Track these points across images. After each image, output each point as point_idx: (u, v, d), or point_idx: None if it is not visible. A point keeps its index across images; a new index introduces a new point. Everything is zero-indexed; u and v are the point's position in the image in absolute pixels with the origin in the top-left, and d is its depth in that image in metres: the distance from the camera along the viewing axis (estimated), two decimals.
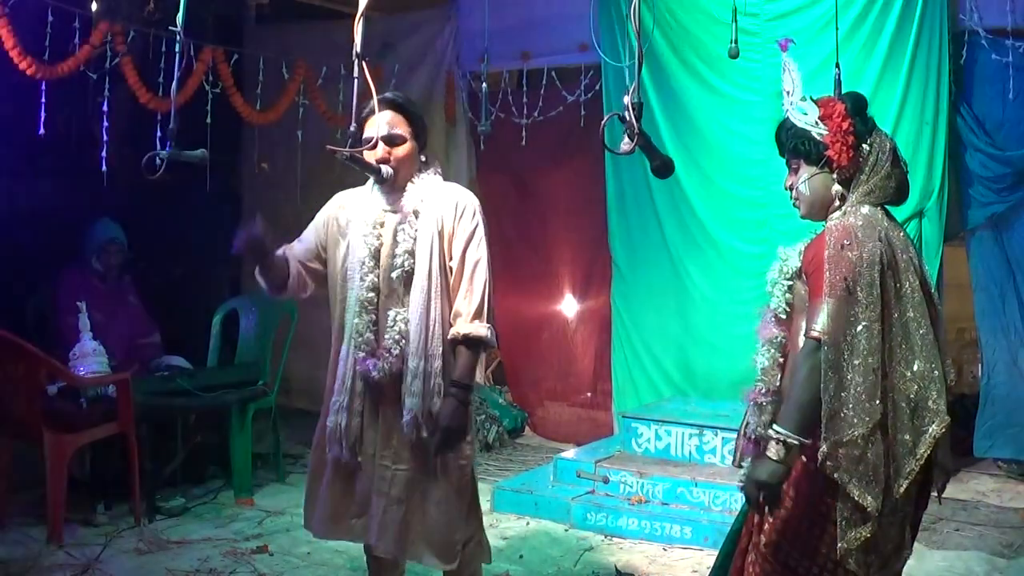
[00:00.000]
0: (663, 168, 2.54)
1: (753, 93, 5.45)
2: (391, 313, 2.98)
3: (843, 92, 2.74)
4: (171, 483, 5.24)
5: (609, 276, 6.25)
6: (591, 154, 6.13)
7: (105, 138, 5.01)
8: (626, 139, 2.53)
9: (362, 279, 3.00)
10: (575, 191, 6.47)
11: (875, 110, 5.41)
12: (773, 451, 2.43)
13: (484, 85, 5.60)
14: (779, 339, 2.62)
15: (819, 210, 2.64)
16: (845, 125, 2.56)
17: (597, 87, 6.00)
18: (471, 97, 6.56)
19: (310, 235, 3.20)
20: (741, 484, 2.71)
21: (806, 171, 2.62)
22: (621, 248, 6.14)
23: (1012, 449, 5.34)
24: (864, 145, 2.59)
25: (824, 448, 2.40)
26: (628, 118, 2.40)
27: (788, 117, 2.66)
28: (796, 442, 2.41)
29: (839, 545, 2.44)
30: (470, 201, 3.10)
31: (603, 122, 2.42)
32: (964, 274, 5.47)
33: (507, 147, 6.47)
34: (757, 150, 5.32)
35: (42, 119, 4.68)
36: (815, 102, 2.64)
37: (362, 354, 2.98)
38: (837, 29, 4.44)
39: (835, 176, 2.59)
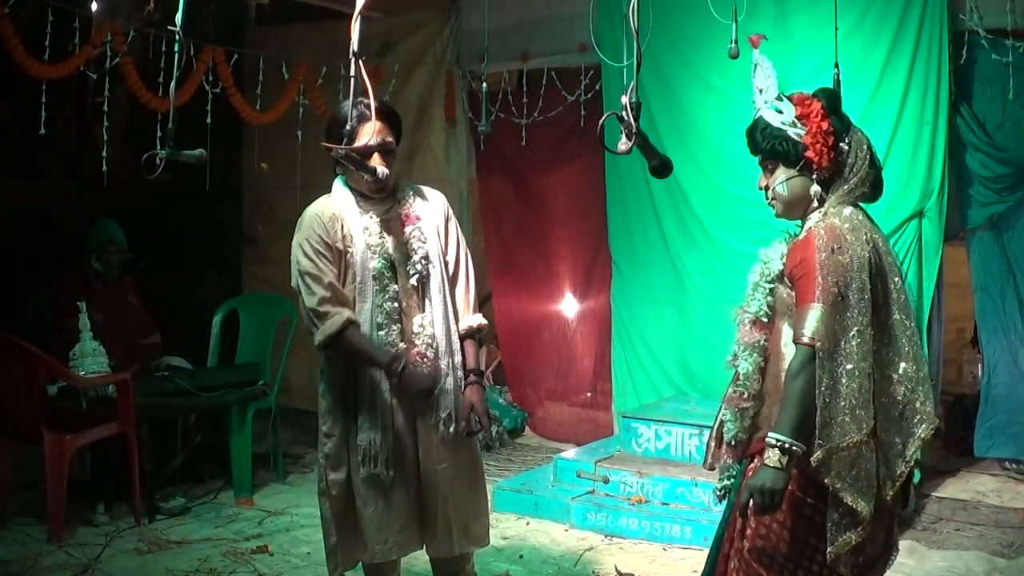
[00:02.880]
0: (661, 168, 2.54)
1: (753, 93, 5.44)
2: (417, 319, 3.00)
3: (817, 89, 2.64)
4: (171, 483, 5.25)
5: (609, 276, 6.24)
6: (591, 154, 6.13)
7: (105, 138, 5.00)
8: (624, 138, 2.53)
9: (383, 291, 2.97)
10: (575, 191, 6.46)
11: (875, 110, 5.44)
12: (775, 459, 2.38)
13: (484, 85, 5.59)
14: (761, 343, 2.58)
15: (795, 211, 2.61)
16: (825, 125, 2.51)
17: (597, 87, 6.00)
18: (471, 97, 6.56)
19: (329, 275, 2.95)
20: (719, 491, 2.69)
21: (783, 172, 2.57)
22: (621, 248, 6.14)
23: (1012, 449, 5.34)
24: (842, 144, 2.54)
25: (819, 455, 2.36)
26: (626, 118, 2.39)
27: (762, 116, 2.59)
28: (798, 449, 2.37)
29: (829, 550, 2.41)
30: (445, 199, 3.21)
31: (601, 121, 2.41)
32: (964, 274, 5.46)
33: (507, 147, 6.47)
34: None
35: (42, 119, 4.67)
36: (790, 100, 2.57)
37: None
38: (836, 29, 4.44)
39: (814, 177, 2.54)
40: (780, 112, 2.56)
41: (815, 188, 2.55)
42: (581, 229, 6.49)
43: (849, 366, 2.38)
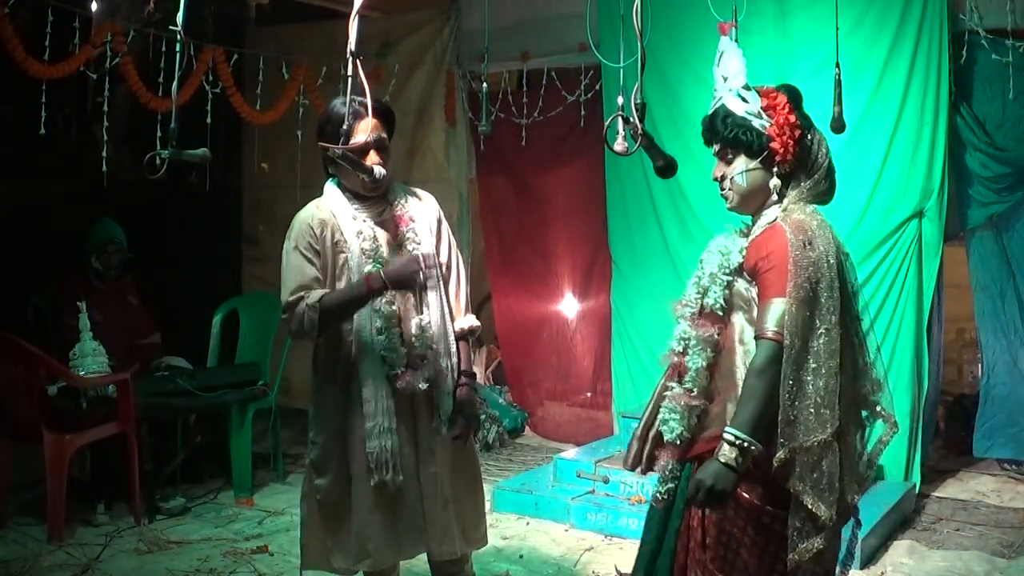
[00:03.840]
0: (667, 168, 2.52)
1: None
2: (415, 321, 2.98)
3: (780, 84, 2.62)
4: (171, 483, 5.24)
5: (609, 276, 6.24)
6: (591, 154, 6.13)
7: (105, 138, 5.00)
8: (620, 139, 2.51)
9: (379, 295, 2.95)
10: (575, 191, 6.46)
11: (875, 110, 5.43)
12: (730, 455, 2.30)
13: (484, 85, 5.58)
14: (714, 338, 2.50)
15: (751, 204, 2.54)
16: (792, 118, 2.46)
17: (597, 87, 6.00)
18: (471, 97, 6.57)
19: (310, 272, 2.95)
20: (663, 495, 2.55)
21: (743, 163, 2.50)
22: (621, 248, 6.13)
23: (1012, 449, 5.34)
24: (806, 141, 2.50)
25: (781, 455, 2.30)
26: (631, 119, 2.38)
27: (724, 104, 2.52)
28: (755, 448, 2.31)
29: (790, 556, 2.34)
30: (436, 202, 3.19)
31: (607, 123, 2.39)
32: (964, 274, 5.46)
33: (507, 147, 6.47)
34: None
35: (42, 119, 4.67)
36: (756, 91, 2.52)
37: (401, 369, 2.94)
38: (837, 29, 4.43)
39: (774, 170, 2.48)
40: (746, 101, 2.50)
41: (775, 181, 2.49)
42: (581, 229, 6.50)
43: (815, 364, 2.32)
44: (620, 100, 2.46)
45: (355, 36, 2.56)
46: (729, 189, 2.54)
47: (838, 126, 4.60)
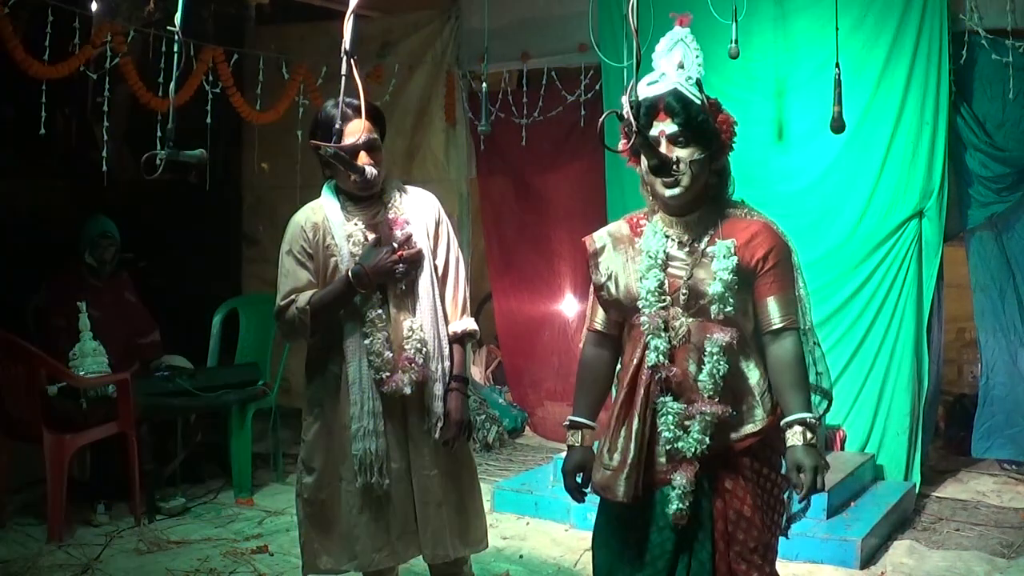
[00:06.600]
0: (662, 167, 2.52)
1: (753, 93, 5.44)
2: (405, 324, 2.97)
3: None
4: (171, 483, 5.24)
5: None
6: (591, 154, 6.13)
7: (105, 138, 5.00)
8: (623, 140, 2.52)
9: (367, 298, 2.94)
10: (575, 191, 6.46)
11: (875, 110, 5.43)
12: (810, 436, 2.39)
13: (484, 85, 5.60)
14: (733, 341, 2.47)
15: (691, 195, 2.53)
16: (731, 117, 2.56)
17: (597, 87, 6.00)
18: (471, 97, 6.56)
19: (303, 275, 2.99)
20: (684, 514, 2.49)
21: (698, 151, 2.49)
22: None
23: (1011, 450, 5.33)
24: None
25: (825, 406, 2.60)
26: (626, 117, 2.38)
27: (681, 91, 2.52)
28: (816, 422, 2.46)
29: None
30: (437, 202, 3.16)
31: (601, 119, 2.39)
32: (964, 274, 5.46)
33: (507, 147, 6.47)
34: (756, 150, 5.31)
35: (42, 119, 4.67)
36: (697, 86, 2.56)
37: (386, 373, 2.93)
38: (837, 29, 4.43)
39: (712, 166, 2.54)
40: (697, 94, 2.53)
41: (714, 178, 2.57)
42: (581, 229, 6.43)
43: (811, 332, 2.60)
44: (624, 99, 2.46)
45: (349, 35, 2.56)
46: (682, 173, 2.50)
47: (838, 126, 4.62)
